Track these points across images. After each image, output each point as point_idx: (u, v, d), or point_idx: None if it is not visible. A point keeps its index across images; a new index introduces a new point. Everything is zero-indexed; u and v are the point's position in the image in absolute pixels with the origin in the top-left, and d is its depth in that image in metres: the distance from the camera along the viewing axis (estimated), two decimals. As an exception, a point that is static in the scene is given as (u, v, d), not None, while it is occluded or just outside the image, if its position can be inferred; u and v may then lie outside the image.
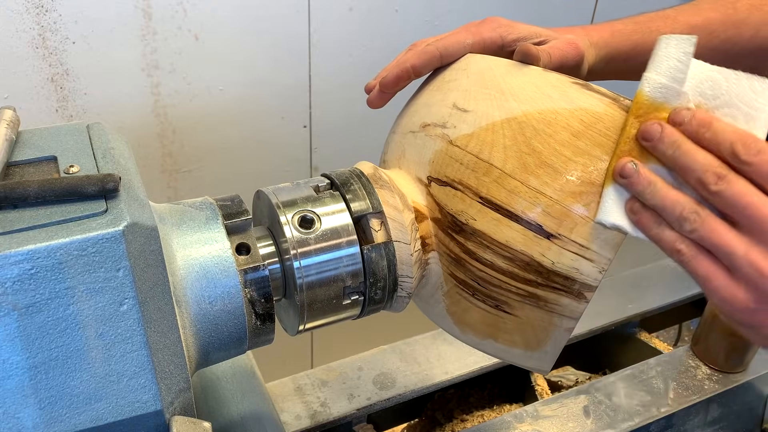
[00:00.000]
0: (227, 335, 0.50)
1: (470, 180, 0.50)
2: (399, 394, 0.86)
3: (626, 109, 0.47)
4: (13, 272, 0.38)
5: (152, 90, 0.96)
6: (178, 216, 0.51)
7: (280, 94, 1.06)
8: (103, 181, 0.42)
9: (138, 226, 0.42)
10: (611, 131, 0.47)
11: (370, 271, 0.53)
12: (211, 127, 1.03)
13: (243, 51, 0.99)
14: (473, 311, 0.53)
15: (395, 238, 0.53)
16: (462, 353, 0.91)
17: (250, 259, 0.51)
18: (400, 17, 1.08)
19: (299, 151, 1.13)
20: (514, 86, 0.52)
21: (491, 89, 0.53)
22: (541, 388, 0.93)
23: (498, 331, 0.53)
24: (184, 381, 0.46)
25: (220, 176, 1.08)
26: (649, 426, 0.83)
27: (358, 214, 0.53)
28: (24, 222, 0.40)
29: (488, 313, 0.52)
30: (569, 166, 0.47)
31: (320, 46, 1.05)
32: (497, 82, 0.53)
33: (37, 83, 0.88)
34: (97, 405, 0.42)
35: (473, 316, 0.53)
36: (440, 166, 0.53)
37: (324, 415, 0.82)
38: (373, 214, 0.53)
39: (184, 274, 0.48)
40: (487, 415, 0.94)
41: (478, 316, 0.53)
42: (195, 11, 0.93)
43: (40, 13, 0.84)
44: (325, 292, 0.53)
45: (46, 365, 0.41)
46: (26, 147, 0.47)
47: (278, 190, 0.55)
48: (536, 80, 0.52)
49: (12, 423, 0.41)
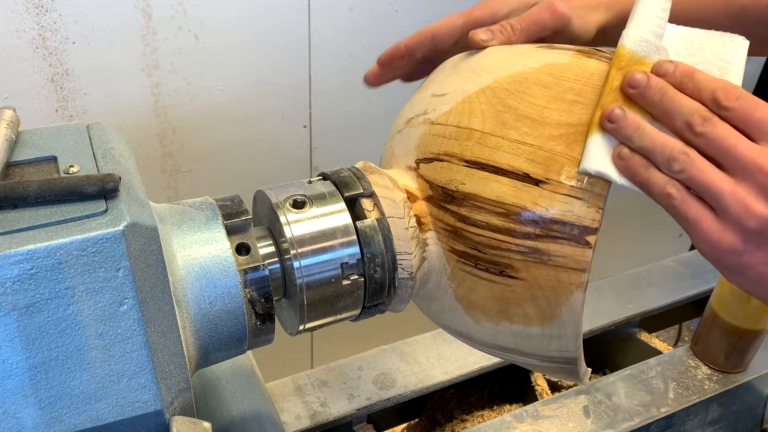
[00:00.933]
0: (227, 335, 0.50)
1: (454, 148, 0.52)
2: (399, 394, 0.86)
3: (593, 57, 0.51)
4: (13, 272, 0.38)
5: (152, 90, 0.96)
6: (178, 216, 0.51)
7: (280, 95, 1.06)
8: (103, 181, 0.42)
9: (138, 226, 0.42)
10: (580, 77, 0.50)
11: (366, 247, 0.53)
12: (211, 127, 1.03)
13: (243, 51, 0.99)
14: (480, 287, 0.52)
15: (388, 214, 0.53)
16: (462, 353, 0.91)
17: (250, 259, 0.51)
18: (400, 17, 1.08)
19: (299, 151, 1.13)
20: (484, 63, 0.55)
21: (463, 71, 0.56)
22: (541, 388, 0.93)
23: (509, 306, 0.52)
24: (184, 381, 0.46)
25: (220, 176, 1.08)
26: (649, 426, 0.83)
27: (351, 196, 0.54)
28: (24, 222, 0.40)
29: (494, 284, 0.51)
30: (545, 113, 0.49)
31: (320, 46, 1.05)
32: (469, 64, 0.56)
33: (37, 83, 0.88)
34: (97, 405, 0.42)
35: (481, 294, 0.53)
36: (425, 146, 0.55)
37: (324, 415, 0.82)
38: (364, 195, 0.54)
39: (184, 274, 0.48)
40: (487, 415, 0.94)
41: (485, 291, 0.52)
42: (195, 11, 0.93)
43: (40, 13, 0.84)
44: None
45: (46, 365, 0.41)
46: (26, 147, 0.47)
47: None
48: (504, 53, 0.55)
49: (12, 423, 0.41)
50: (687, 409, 0.85)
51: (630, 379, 0.88)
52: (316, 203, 0.54)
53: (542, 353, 0.55)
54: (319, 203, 0.54)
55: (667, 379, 0.88)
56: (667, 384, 0.88)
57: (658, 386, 0.87)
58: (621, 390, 0.86)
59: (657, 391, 0.87)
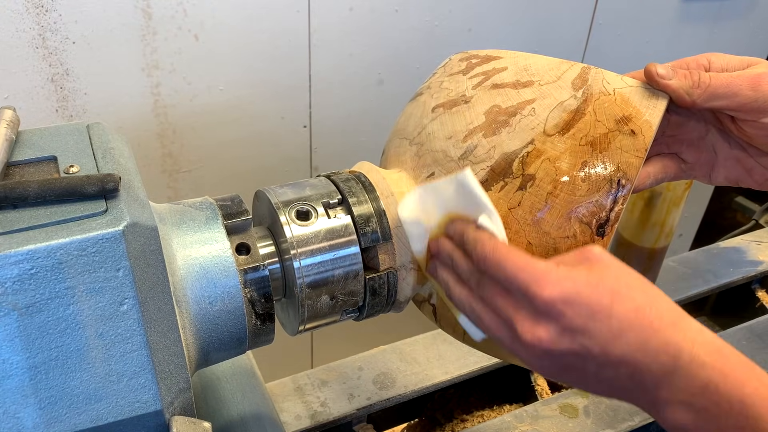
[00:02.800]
0: (227, 335, 0.50)
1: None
2: (399, 394, 0.86)
3: None
4: (13, 272, 0.38)
5: (152, 90, 0.96)
6: (178, 216, 0.51)
7: (280, 94, 1.06)
8: (103, 181, 0.42)
9: (138, 226, 0.42)
10: None
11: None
12: (211, 127, 1.03)
13: (243, 51, 0.99)
14: None
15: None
16: (462, 353, 0.91)
17: (250, 259, 0.51)
18: (400, 17, 1.08)
19: (299, 151, 1.13)
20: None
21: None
22: (541, 388, 0.93)
23: None
24: (184, 381, 0.46)
25: (220, 176, 1.08)
26: (649, 426, 0.83)
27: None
28: (24, 222, 0.40)
29: None
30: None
31: (320, 46, 1.05)
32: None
33: (37, 83, 0.88)
34: (97, 405, 0.42)
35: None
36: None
37: (324, 415, 0.82)
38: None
39: (184, 274, 0.48)
40: (487, 415, 0.94)
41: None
42: (195, 11, 0.93)
43: (40, 13, 0.84)
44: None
45: (46, 365, 0.41)
46: (26, 147, 0.47)
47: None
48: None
49: (12, 423, 0.41)
50: (687, 409, 0.85)
51: (630, 379, 0.88)
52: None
53: None
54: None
55: (667, 379, 0.88)
56: (667, 384, 0.87)
57: (658, 386, 0.87)
58: (621, 390, 0.86)
59: (657, 391, 0.86)
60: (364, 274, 0.54)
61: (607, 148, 0.49)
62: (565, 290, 0.42)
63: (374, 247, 0.54)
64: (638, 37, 1.34)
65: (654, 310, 0.43)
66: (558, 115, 0.50)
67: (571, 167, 0.49)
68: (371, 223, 0.54)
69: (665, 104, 0.51)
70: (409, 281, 0.55)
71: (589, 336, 0.42)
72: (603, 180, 0.48)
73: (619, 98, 0.51)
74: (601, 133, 0.49)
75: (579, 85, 0.52)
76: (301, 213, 0.53)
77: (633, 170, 0.48)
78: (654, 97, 0.51)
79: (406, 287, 0.55)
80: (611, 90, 0.51)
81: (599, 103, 0.50)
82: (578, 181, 0.48)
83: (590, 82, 0.51)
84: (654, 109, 0.51)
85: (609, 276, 0.44)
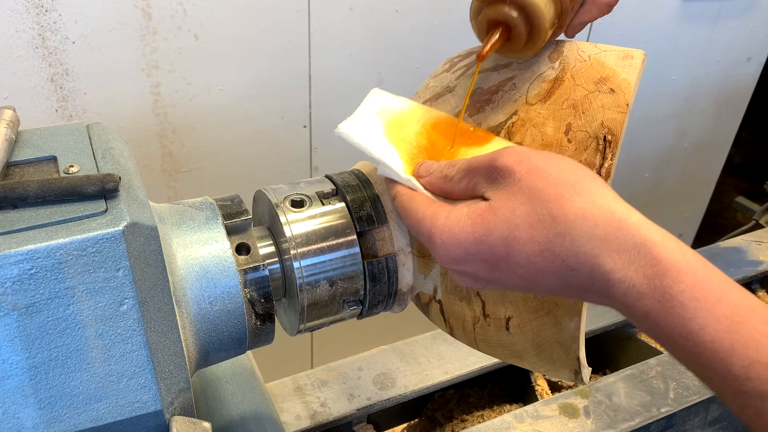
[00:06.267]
0: (227, 335, 0.50)
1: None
2: (399, 394, 0.86)
3: None
4: (13, 272, 0.38)
5: (152, 90, 0.96)
6: (178, 216, 0.51)
7: (280, 94, 1.06)
8: (103, 181, 0.42)
9: (138, 226, 0.42)
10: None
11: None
12: (211, 127, 1.03)
13: (243, 51, 0.99)
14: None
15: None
16: (462, 353, 0.91)
17: (250, 259, 0.51)
18: (400, 17, 1.08)
19: (299, 151, 1.13)
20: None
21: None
22: (541, 388, 0.93)
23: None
24: (184, 381, 0.46)
25: (220, 176, 1.08)
26: (649, 426, 0.83)
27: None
28: (24, 222, 0.40)
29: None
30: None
31: (320, 45, 1.05)
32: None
33: (37, 83, 0.88)
34: (97, 405, 0.42)
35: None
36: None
37: (324, 415, 0.82)
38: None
39: (184, 274, 0.48)
40: (487, 415, 0.94)
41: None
42: (195, 11, 0.93)
43: (40, 13, 0.84)
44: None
45: (46, 365, 0.41)
46: (26, 147, 0.47)
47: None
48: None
49: (12, 423, 0.41)
50: (687, 409, 0.85)
51: (630, 379, 0.88)
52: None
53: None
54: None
55: (668, 379, 0.88)
56: (668, 384, 0.88)
57: (659, 386, 0.87)
58: (621, 390, 0.86)
59: (657, 391, 0.86)
60: (362, 259, 0.54)
61: (588, 108, 0.50)
62: (451, 255, 0.43)
63: (371, 233, 0.54)
64: (638, 37, 1.34)
65: (559, 253, 0.40)
66: (538, 86, 0.52)
67: (555, 130, 0.50)
68: (365, 207, 0.54)
69: (641, 63, 0.52)
70: (409, 266, 0.55)
71: (500, 282, 0.44)
72: (589, 138, 0.49)
73: (595, 62, 0.52)
74: (582, 95, 0.50)
75: (555, 57, 0.53)
76: (296, 202, 0.54)
77: (618, 125, 0.49)
78: (629, 57, 0.53)
79: (406, 273, 0.55)
80: (587, 57, 0.53)
81: (576, 69, 0.52)
82: (564, 143, 0.49)
83: (565, 53, 0.53)
84: (630, 68, 0.52)
85: (505, 215, 0.41)
